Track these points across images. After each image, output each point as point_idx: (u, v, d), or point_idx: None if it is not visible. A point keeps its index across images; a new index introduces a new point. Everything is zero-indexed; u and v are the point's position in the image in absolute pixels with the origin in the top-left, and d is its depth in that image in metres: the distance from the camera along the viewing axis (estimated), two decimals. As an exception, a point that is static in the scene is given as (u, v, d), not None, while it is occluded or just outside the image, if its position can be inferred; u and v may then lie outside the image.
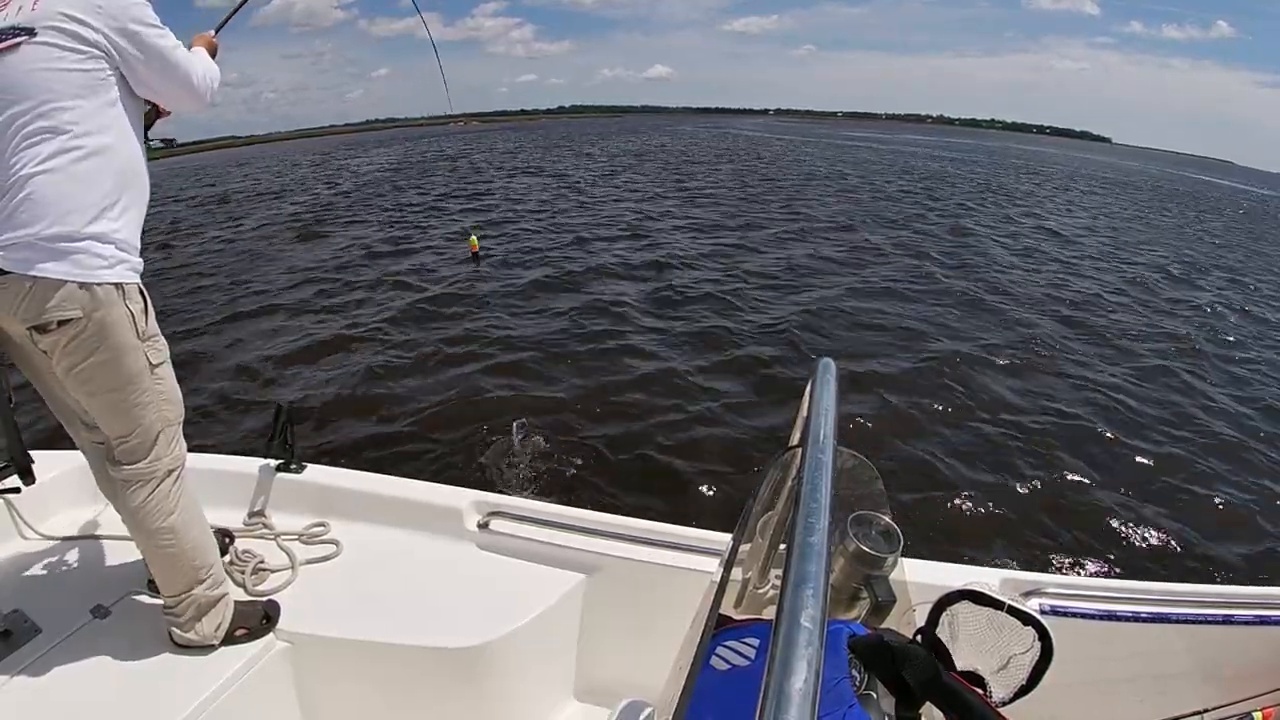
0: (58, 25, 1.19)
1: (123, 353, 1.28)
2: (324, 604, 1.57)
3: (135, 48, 1.27)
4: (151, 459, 1.37)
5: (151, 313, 1.35)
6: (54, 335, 1.22)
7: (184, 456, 1.45)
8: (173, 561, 1.41)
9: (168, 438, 1.39)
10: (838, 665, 0.64)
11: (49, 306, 1.19)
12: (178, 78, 1.36)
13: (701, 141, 42.01)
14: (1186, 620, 1.36)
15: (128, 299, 1.28)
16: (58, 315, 1.20)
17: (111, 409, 1.32)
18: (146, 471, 1.37)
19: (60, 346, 1.24)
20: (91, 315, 1.23)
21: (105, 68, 1.25)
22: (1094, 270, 9.68)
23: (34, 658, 1.39)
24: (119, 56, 1.26)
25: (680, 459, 3.93)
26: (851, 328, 6.46)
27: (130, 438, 1.35)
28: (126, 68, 1.28)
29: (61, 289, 1.19)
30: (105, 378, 1.28)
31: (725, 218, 12.52)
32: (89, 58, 1.22)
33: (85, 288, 1.21)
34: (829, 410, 0.77)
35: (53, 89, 1.19)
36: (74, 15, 1.20)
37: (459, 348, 5.79)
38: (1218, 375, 5.82)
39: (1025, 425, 4.51)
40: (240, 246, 11.08)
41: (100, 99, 1.25)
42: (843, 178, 21.33)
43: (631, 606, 1.60)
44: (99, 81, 1.24)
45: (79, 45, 1.21)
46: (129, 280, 1.29)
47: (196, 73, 1.39)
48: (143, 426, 1.35)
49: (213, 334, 6.44)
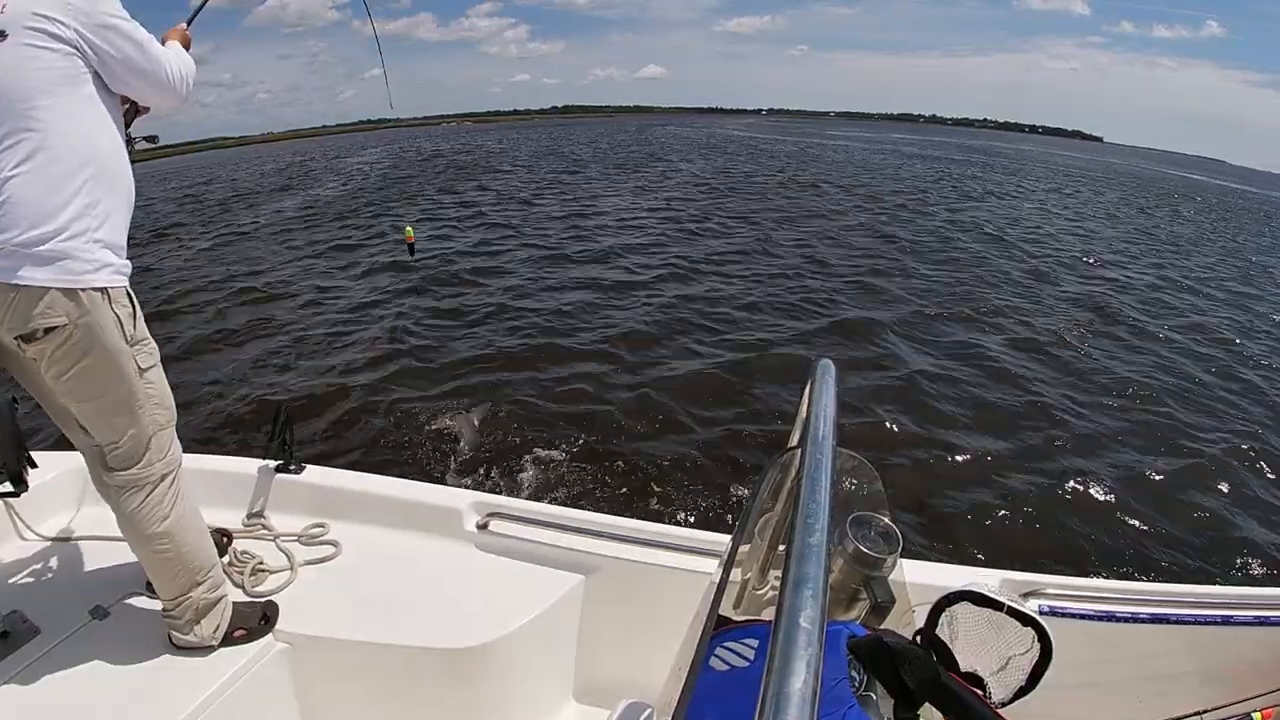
0: (32, 25, 1.17)
1: (111, 358, 1.25)
2: (323, 605, 1.57)
3: (107, 44, 1.24)
4: (144, 464, 1.35)
5: (140, 316, 1.33)
6: (41, 344, 1.20)
7: (179, 459, 1.43)
8: (169, 565, 1.39)
9: (160, 442, 1.37)
10: (837, 666, 0.64)
11: (34, 315, 1.17)
12: (151, 73, 1.33)
13: (680, 139, 42.58)
14: (1186, 621, 1.36)
15: (114, 303, 1.25)
16: (43, 323, 1.18)
17: (102, 415, 1.30)
18: (140, 477, 1.35)
19: (47, 355, 1.21)
20: (78, 321, 1.20)
21: (80, 65, 1.22)
22: (1090, 269, 9.70)
23: (33, 659, 1.39)
24: (92, 53, 1.24)
25: (680, 459, 3.93)
26: (852, 327, 6.47)
27: (122, 443, 1.32)
28: (100, 64, 1.26)
29: (46, 296, 1.17)
30: (94, 384, 1.26)
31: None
32: (63, 55, 1.20)
33: (70, 294, 1.19)
34: (828, 411, 0.77)
35: (28, 89, 1.16)
36: (46, 14, 1.17)
37: (459, 349, 5.79)
38: (1218, 375, 5.82)
39: (1025, 425, 4.52)
40: (240, 246, 11.08)
41: (76, 97, 1.22)
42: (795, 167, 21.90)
43: (630, 607, 1.60)
44: (74, 79, 1.22)
45: (53, 44, 1.19)
46: (115, 284, 1.26)
47: (171, 67, 1.36)
48: (134, 432, 1.32)
49: (212, 334, 6.44)
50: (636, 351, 5.67)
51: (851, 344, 6.01)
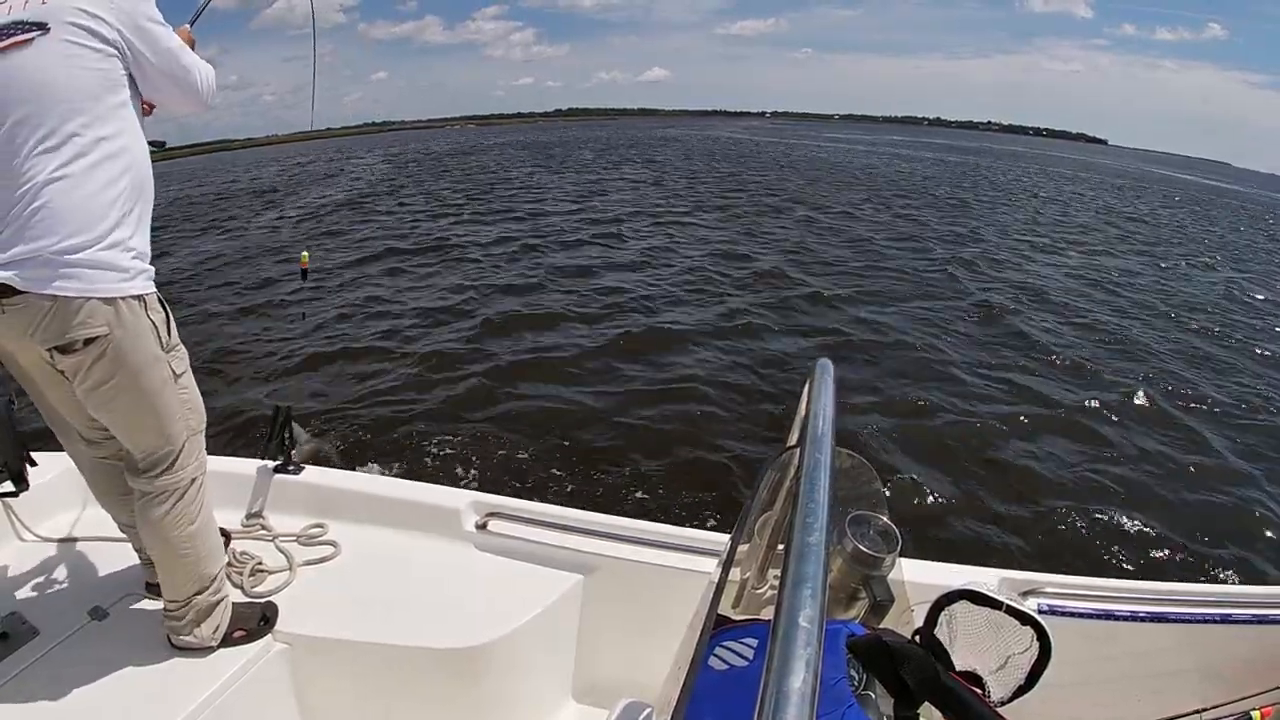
0: (75, 22, 1.13)
1: (148, 366, 1.23)
2: (322, 605, 1.57)
3: (147, 47, 1.22)
4: (178, 469, 1.33)
5: (173, 322, 1.32)
6: (79, 355, 1.16)
7: (205, 465, 1.41)
8: (187, 568, 1.38)
9: (193, 447, 1.36)
10: (836, 665, 0.65)
11: (73, 325, 1.13)
12: (184, 79, 1.30)
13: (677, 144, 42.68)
14: (1184, 620, 1.36)
15: (150, 310, 1.24)
16: (83, 334, 1.14)
17: (138, 423, 1.28)
18: (173, 483, 1.33)
19: (85, 367, 1.18)
20: (116, 331, 1.17)
21: (119, 67, 1.19)
22: (1082, 273, 9.70)
23: (32, 660, 1.38)
24: (131, 56, 1.20)
25: (679, 459, 3.93)
26: (848, 327, 6.48)
27: (157, 450, 1.30)
28: (136, 68, 1.23)
29: (85, 306, 1.13)
30: (131, 393, 1.23)
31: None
32: (105, 56, 1.16)
33: (109, 303, 1.16)
34: (827, 410, 0.77)
35: (69, 89, 1.13)
36: (91, 11, 1.14)
37: (460, 349, 5.79)
38: (1217, 376, 5.83)
39: (1024, 425, 4.52)
40: (240, 246, 11.06)
41: (114, 100, 1.19)
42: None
43: (630, 607, 1.60)
44: (113, 82, 1.18)
45: (96, 43, 1.15)
46: (149, 290, 1.24)
47: (202, 74, 1.34)
48: (169, 437, 1.31)
49: (211, 334, 6.43)
50: (637, 350, 5.67)
51: (852, 343, 6.01)
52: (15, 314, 1.13)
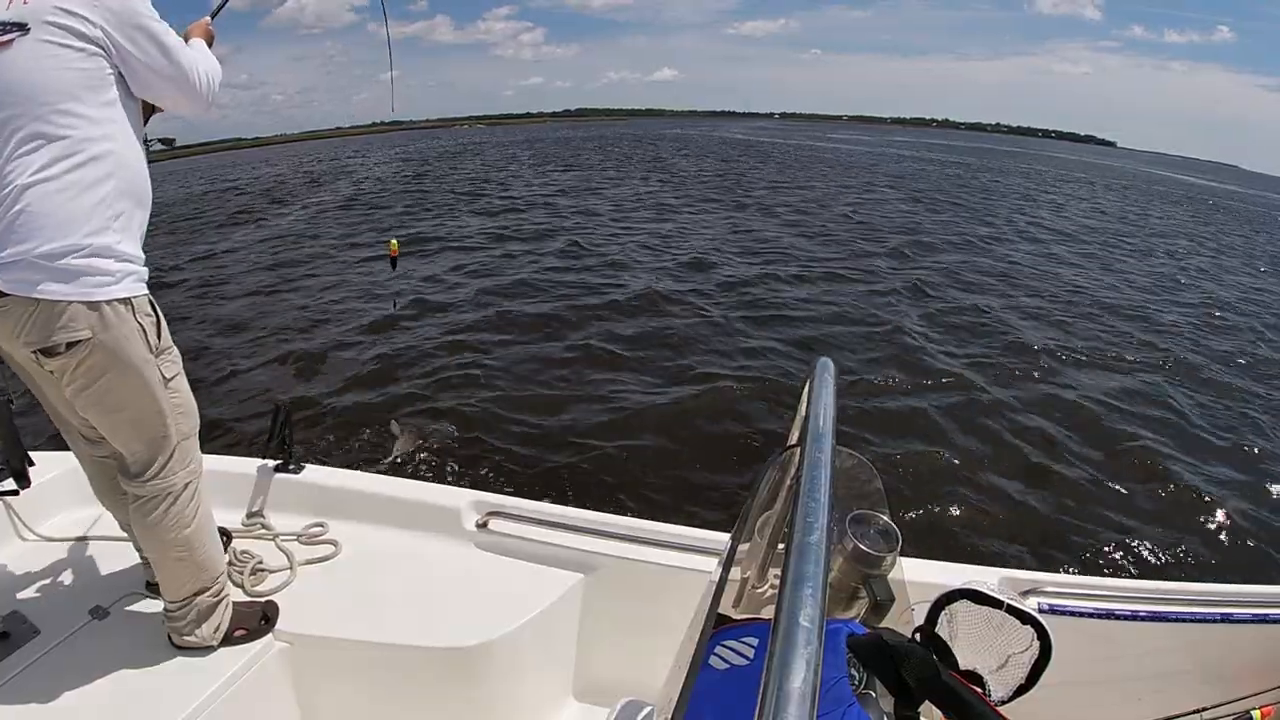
0: (54, 21, 1.10)
1: (136, 370, 1.21)
2: (322, 604, 1.57)
3: (135, 46, 1.18)
4: (169, 474, 1.31)
5: (164, 324, 1.30)
6: (62, 358, 1.15)
7: (200, 468, 1.40)
8: (184, 571, 1.38)
9: (184, 451, 1.34)
10: (837, 664, 0.64)
11: (56, 328, 1.12)
12: (178, 78, 1.27)
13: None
14: (1185, 619, 1.36)
15: (138, 313, 1.22)
16: (65, 337, 1.13)
17: (126, 427, 1.26)
18: (165, 487, 1.31)
19: (70, 369, 1.16)
20: (101, 334, 1.16)
21: (105, 66, 1.17)
22: (1082, 272, 9.70)
23: (32, 659, 1.39)
24: (117, 54, 1.18)
25: (678, 459, 3.93)
26: (842, 324, 6.48)
27: (146, 454, 1.29)
28: (125, 67, 1.20)
29: (68, 310, 1.12)
30: (119, 397, 1.22)
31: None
32: (87, 55, 1.14)
33: (93, 306, 1.14)
34: (827, 409, 0.77)
35: (49, 90, 1.11)
36: (71, 9, 1.12)
37: (459, 348, 5.79)
38: (1217, 376, 5.82)
39: (1023, 425, 4.51)
40: (240, 247, 11.05)
41: (99, 100, 1.16)
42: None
43: (630, 606, 1.60)
44: (98, 81, 1.16)
45: (77, 42, 1.12)
46: (138, 293, 1.22)
47: (199, 73, 1.30)
48: (159, 442, 1.29)
49: (211, 334, 6.43)
50: (635, 352, 5.67)
51: (851, 343, 6.01)
52: (2, 316, 1.13)
